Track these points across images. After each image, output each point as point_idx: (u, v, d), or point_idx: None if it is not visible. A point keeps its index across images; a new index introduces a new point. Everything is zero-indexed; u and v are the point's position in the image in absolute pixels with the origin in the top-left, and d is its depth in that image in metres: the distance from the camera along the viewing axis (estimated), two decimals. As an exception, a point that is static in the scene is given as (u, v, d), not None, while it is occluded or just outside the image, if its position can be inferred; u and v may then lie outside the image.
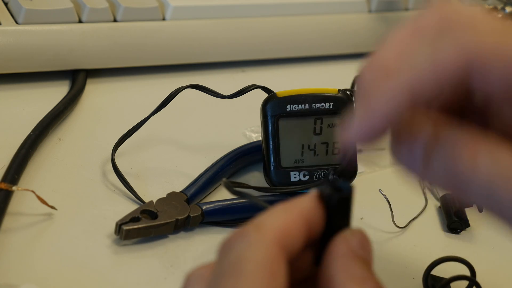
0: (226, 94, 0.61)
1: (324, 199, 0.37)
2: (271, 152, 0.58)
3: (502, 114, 0.37)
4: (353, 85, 0.68)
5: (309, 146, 0.58)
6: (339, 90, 0.59)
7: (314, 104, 0.58)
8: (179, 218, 0.54)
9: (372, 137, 0.35)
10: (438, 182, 0.37)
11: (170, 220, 0.54)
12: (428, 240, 0.58)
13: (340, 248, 0.36)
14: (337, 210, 0.37)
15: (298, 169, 0.58)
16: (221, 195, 0.60)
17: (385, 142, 0.37)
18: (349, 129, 0.35)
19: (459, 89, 0.36)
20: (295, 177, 0.58)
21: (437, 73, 0.35)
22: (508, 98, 0.35)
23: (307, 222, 0.37)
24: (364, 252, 0.37)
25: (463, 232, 0.60)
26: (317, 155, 0.58)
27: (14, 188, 0.53)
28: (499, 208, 0.35)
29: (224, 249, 0.36)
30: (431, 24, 0.36)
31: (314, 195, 0.37)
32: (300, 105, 0.58)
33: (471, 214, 0.60)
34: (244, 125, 0.67)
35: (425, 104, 0.36)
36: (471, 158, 0.35)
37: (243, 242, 0.35)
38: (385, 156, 0.64)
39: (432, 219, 0.61)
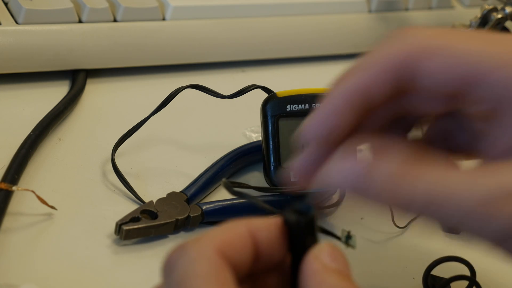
0: (226, 94, 0.61)
1: (289, 225, 0.38)
2: (271, 152, 0.58)
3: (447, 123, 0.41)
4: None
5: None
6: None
7: (314, 104, 0.58)
8: (179, 218, 0.54)
9: (323, 132, 0.39)
10: (379, 199, 0.39)
11: (170, 220, 0.54)
12: (428, 240, 0.58)
13: (312, 265, 0.36)
14: (304, 232, 0.37)
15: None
16: (221, 195, 0.60)
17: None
18: (304, 128, 0.39)
19: (403, 88, 0.39)
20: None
21: (382, 66, 0.38)
22: (449, 90, 0.38)
23: (253, 237, 0.37)
24: (337, 264, 0.37)
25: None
26: (317, 155, 0.58)
27: (14, 188, 0.53)
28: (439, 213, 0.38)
29: (167, 269, 0.35)
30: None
31: (271, 220, 0.38)
32: (300, 105, 0.58)
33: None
34: (244, 125, 0.67)
35: (374, 103, 0.39)
36: (411, 177, 0.37)
37: (184, 257, 0.35)
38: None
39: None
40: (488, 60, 0.37)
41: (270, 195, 0.58)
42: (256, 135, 0.66)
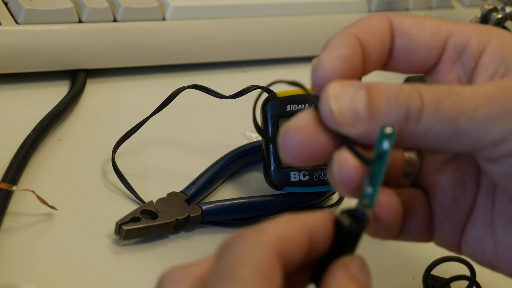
0: (226, 94, 0.61)
1: (340, 226, 0.38)
2: (271, 152, 0.58)
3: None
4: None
5: (309, 146, 0.58)
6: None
7: (314, 104, 0.58)
8: (179, 218, 0.54)
9: (344, 63, 0.41)
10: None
11: (170, 220, 0.54)
12: (428, 240, 0.58)
13: (340, 272, 0.37)
14: (349, 239, 0.38)
15: (298, 169, 0.58)
16: (221, 195, 0.60)
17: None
18: (320, 60, 0.41)
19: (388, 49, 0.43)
20: (295, 177, 0.58)
21: (369, 23, 0.43)
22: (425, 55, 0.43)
23: (310, 236, 0.37)
24: (362, 277, 0.37)
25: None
26: (317, 155, 0.58)
27: (14, 188, 0.53)
28: (451, 131, 0.38)
29: (222, 251, 0.36)
30: None
31: (328, 216, 0.38)
32: (300, 105, 0.58)
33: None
34: (244, 125, 0.67)
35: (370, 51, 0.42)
36: (416, 95, 0.39)
37: (240, 245, 0.35)
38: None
39: (432, 219, 0.61)
40: (449, 23, 0.43)
41: (271, 195, 0.58)
42: (256, 135, 0.66)
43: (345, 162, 0.39)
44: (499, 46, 0.42)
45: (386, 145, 0.38)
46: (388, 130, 0.38)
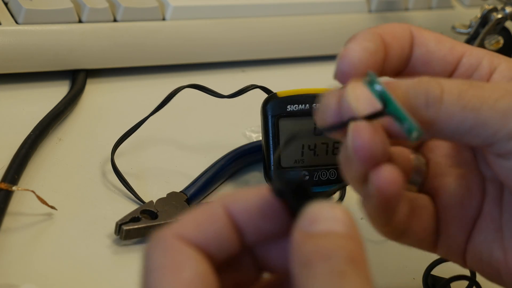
0: (226, 94, 0.61)
1: (278, 195, 0.35)
2: (271, 152, 0.58)
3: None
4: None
5: (309, 146, 0.58)
6: (339, 90, 0.59)
7: (314, 104, 0.58)
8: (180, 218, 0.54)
9: (370, 56, 0.42)
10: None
11: (170, 220, 0.54)
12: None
13: (293, 238, 0.34)
14: (296, 200, 0.34)
15: (298, 169, 0.58)
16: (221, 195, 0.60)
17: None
18: (348, 49, 0.43)
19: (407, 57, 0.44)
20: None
21: (391, 29, 0.44)
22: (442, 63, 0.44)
23: (227, 209, 0.35)
24: (319, 225, 0.33)
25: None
26: (317, 155, 0.58)
27: (14, 188, 0.53)
28: (472, 120, 0.39)
29: (142, 259, 0.36)
30: None
31: (257, 190, 0.36)
32: (300, 105, 0.58)
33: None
34: (244, 125, 0.67)
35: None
36: (437, 86, 0.40)
37: (148, 249, 0.35)
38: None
39: (432, 219, 0.61)
40: (463, 45, 0.45)
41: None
42: (256, 135, 0.66)
43: (359, 129, 0.39)
44: (509, 67, 0.44)
45: (378, 87, 0.39)
46: (368, 78, 0.40)
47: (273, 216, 0.35)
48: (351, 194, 0.54)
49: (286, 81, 0.76)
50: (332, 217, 0.33)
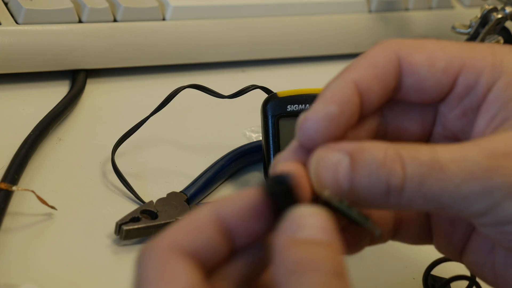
0: (226, 94, 0.61)
1: (267, 195, 0.36)
2: (271, 152, 0.58)
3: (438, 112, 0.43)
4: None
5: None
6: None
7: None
8: (179, 218, 0.54)
9: (328, 124, 0.39)
10: (367, 202, 0.38)
11: (170, 220, 0.54)
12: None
13: (277, 242, 0.35)
14: (283, 202, 0.36)
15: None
16: (221, 195, 0.60)
17: None
18: (306, 119, 0.39)
19: (393, 85, 0.41)
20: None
21: (373, 65, 0.41)
22: (434, 87, 0.41)
23: (218, 215, 0.36)
24: (305, 231, 0.35)
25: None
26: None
27: (14, 188, 0.53)
28: (434, 205, 0.38)
29: (135, 267, 0.36)
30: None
31: (245, 194, 0.37)
32: (300, 105, 0.58)
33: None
34: (244, 125, 0.67)
35: (369, 94, 0.40)
36: (398, 168, 0.38)
37: (139, 261, 0.35)
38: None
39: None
40: (462, 54, 0.41)
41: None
42: (256, 135, 0.66)
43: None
44: (505, 84, 0.40)
45: (335, 202, 0.38)
46: (325, 196, 0.38)
47: (260, 218, 0.36)
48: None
49: (286, 81, 0.76)
50: (316, 225, 0.35)
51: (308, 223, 0.35)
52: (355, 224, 0.39)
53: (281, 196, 0.36)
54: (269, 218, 0.36)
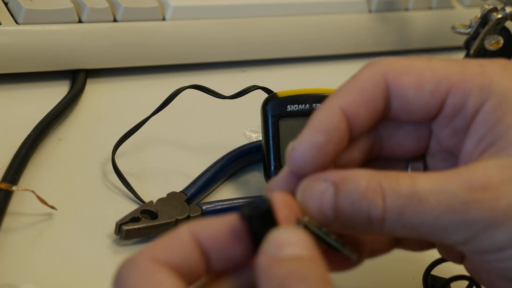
0: (226, 94, 0.61)
1: (245, 220, 0.37)
2: (271, 152, 0.58)
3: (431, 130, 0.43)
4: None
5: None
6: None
7: (314, 104, 0.58)
8: (179, 218, 0.54)
9: (315, 153, 0.40)
10: (350, 229, 0.40)
11: (170, 220, 0.54)
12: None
13: (260, 262, 0.36)
14: (261, 227, 0.37)
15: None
16: (221, 195, 0.60)
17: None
18: (293, 149, 0.40)
19: (381, 108, 0.42)
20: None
21: (360, 90, 0.41)
22: (424, 109, 0.42)
23: (195, 236, 0.37)
24: (287, 250, 0.36)
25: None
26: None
27: (14, 188, 0.53)
28: (415, 234, 0.39)
29: (114, 281, 0.37)
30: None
31: (219, 218, 0.38)
32: (300, 105, 0.58)
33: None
34: (244, 125, 0.67)
35: (356, 119, 0.41)
36: (379, 200, 0.39)
37: (121, 274, 0.37)
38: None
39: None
40: (451, 76, 0.42)
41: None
42: (256, 135, 0.66)
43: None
44: (493, 106, 0.41)
45: (313, 229, 0.39)
46: (302, 222, 0.39)
47: (238, 242, 0.37)
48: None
49: (286, 81, 0.76)
50: (296, 242, 0.36)
51: (288, 241, 0.36)
52: (333, 250, 0.40)
53: (258, 221, 0.37)
54: (249, 244, 0.37)
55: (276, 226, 0.37)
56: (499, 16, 0.71)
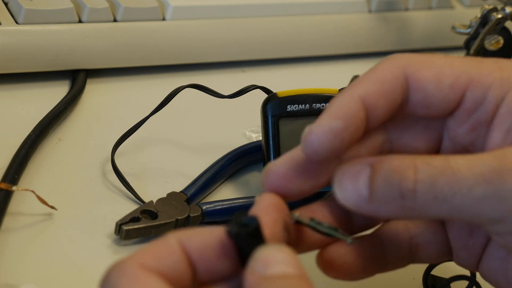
0: (226, 94, 0.61)
1: (233, 238, 0.37)
2: (271, 152, 0.58)
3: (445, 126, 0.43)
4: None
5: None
6: (339, 90, 0.59)
7: (314, 104, 0.58)
8: (179, 218, 0.54)
9: (333, 138, 0.39)
10: (384, 208, 0.40)
11: (170, 220, 0.54)
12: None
13: (248, 280, 0.36)
14: (249, 244, 0.37)
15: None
16: (221, 195, 0.60)
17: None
18: (311, 132, 0.40)
19: (400, 102, 0.41)
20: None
21: (380, 81, 0.41)
22: (442, 103, 0.42)
23: (182, 245, 0.37)
24: (274, 268, 0.36)
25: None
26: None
27: (14, 188, 0.53)
28: (447, 208, 0.39)
29: (101, 285, 0.36)
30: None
31: (207, 229, 0.38)
32: (300, 105, 0.58)
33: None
34: (244, 125, 0.67)
35: (375, 111, 0.41)
36: (411, 173, 0.39)
37: (109, 279, 0.36)
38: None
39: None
40: (469, 70, 0.42)
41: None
42: (256, 135, 0.66)
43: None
44: None
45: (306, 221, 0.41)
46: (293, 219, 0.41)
47: (224, 257, 0.37)
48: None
49: (286, 81, 0.76)
50: (283, 260, 0.36)
51: (275, 260, 0.36)
52: (328, 237, 0.40)
53: (245, 239, 0.37)
54: (236, 259, 0.37)
55: (263, 243, 0.37)
56: (499, 16, 0.71)
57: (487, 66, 0.42)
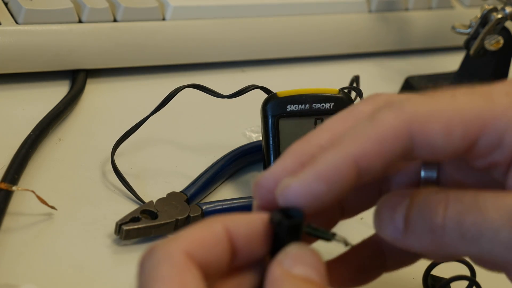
0: (226, 94, 0.61)
1: (273, 225, 0.37)
2: (271, 152, 0.58)
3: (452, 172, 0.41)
4: (351, 83, 0.68)
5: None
6: (339, 90, 0.59)
7: (314, 104, 0.58)
8: (179, 218, 0.54)
9: (311, 200, 0.37)
10: (417, 242, 0.39)
11: (170, 220, 0.54)
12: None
13: (273, 271, 0.36)
14: (285, 235, 0.37)
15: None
16: (221, 195, 0.60)
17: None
18: (289, 186, 0.37)
19: (403, 157, 0.38)
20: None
21: (379, 140, 0.37)
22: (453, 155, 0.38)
23: (229, 232, 0.36)
24: (301, 269, 0.36)
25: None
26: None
27: (14, 188, 0.53)
28: (477, 250, 0.37)
29: (138, 270, 0.36)
30: (368, 107, 0.40)
31: (257, 216, 0.38)
32: (300, 105, 0.58)
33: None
34: (244, 125, 0.67)
35: (372, 175, 0.38)
36: (442, 208, 0.38)
37: (150, 260, 0.35)
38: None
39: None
40: (481, 114, 0.38)
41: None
42: (256, 135, 0.66)
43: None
44: None
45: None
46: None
47: (265, 242, 0.37)
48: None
49: (286, 81, 0.76)
50: (312, 264, 0.36)
51: (305, 261, 0.36)
52: (325, 240, 0.40)
53: (285, 229, 0.37)
54: (269, 244, 0.38)
55: (299, 241, 0.37)
56: (499, 16, 0.71)
57: (499, 104, 0.38)
